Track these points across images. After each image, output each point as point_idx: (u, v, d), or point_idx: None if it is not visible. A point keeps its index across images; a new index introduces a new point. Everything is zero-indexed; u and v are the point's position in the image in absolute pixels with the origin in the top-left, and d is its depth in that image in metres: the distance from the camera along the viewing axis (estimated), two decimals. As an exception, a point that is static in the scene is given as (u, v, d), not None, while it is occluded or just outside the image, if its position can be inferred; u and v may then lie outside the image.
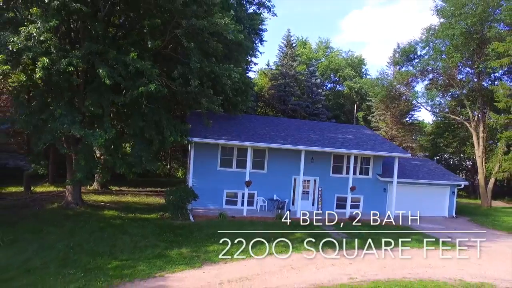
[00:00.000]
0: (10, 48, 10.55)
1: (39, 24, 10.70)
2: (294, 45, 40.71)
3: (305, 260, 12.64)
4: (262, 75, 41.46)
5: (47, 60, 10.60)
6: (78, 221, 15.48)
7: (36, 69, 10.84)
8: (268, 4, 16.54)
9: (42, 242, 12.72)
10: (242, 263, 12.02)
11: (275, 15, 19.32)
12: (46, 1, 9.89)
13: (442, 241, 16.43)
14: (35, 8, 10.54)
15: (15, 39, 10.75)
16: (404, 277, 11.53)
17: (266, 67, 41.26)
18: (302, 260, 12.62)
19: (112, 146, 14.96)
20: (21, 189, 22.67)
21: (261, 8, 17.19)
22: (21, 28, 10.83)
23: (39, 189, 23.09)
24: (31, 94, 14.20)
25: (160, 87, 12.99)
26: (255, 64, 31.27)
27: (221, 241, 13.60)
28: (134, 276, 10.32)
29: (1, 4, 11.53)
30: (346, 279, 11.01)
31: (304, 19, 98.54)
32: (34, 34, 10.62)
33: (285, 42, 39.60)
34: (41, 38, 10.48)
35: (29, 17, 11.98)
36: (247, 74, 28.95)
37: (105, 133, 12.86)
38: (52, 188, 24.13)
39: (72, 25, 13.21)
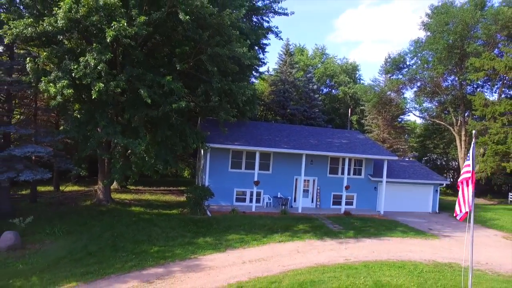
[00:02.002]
0: (73, 75, 13.09)
1: (95, 55, 13.25)
2: (292, 53, 43.38)
3: (308, 246, 15.39)
4: (262, 81, 44.03)
5: (102, 84, 13.16)
6: (113, 216, 18.05)
7: (92, 91, 13.38)
8: (276, 30, 19.14)
9: (91, 232, 15.29)
10: (258, 248, 14.71)
11: (281, 39, 21.91)
12: (108, 40, 12.42)
13: (423, 232, 19.41)
14: (95, 44, 13.08)
15: (75, 67, 13.31)
16: (388, 258, 14.28)
17: (266, 73, 43.87)
18: (305, 246, 15.35)
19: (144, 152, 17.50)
20: (49, 188, 25.17)
21: (269, 33, 19.77)
22: (80, 58, 13.38)
23: (65, 188, 25.54)
24: (75, 109, 16.67)
25: (188, 103, 15.61)
26: (262, 78, 33.95)
27: (237, 232, 16.49)
28: (174, 257, 12.97)
29: (61, 37, 14.05)
30: (342, 260, 13.73)
31: (299, 18, 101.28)
32: (92, 63, 13.15)
33: (284, 50, 42.22)
34: (98, 67, 13.02)
35: (82, 47, 14.52)
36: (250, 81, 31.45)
37: (142, 141, 15.42)
38: (76, 188, 26.62)
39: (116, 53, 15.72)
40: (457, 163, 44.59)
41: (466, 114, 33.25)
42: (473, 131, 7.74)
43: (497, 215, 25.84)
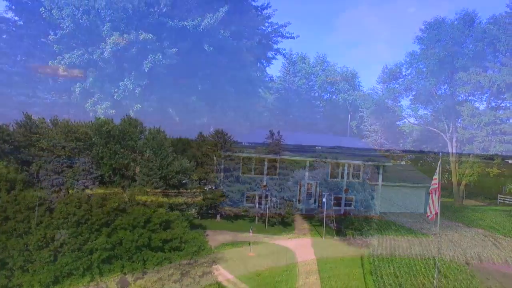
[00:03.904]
0: (115, 98, 15.55)
1: (132, 80, 15.70)
2: (295, 62, 45.77)
3: (312, 242, 17.83)
4: (267, 91, 46.43)
5: (140, 105, 15.60)
6: (141, 216, 20.39)
7: (130, 111, 15.83)
8: (283, 52, 21.61)
9: (126, 232, 17.66)
10: (270, 244, 17.15)
11: (288, 59, 24.25)
12: (146, 70, 14.88)
13: (414, 231, 21.79)
14: (133, 72, 15.55)
15: (116, 90, 15.76)
16: (382, 253, 16.73)
17: (271, 81, 46.24)
18: (310, 242, 17.79)
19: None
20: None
21: (277, 53, 22.29)
22: (120, 83, 15.84)
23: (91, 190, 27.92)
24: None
25: (208, 119, 18.07)
26: (269, 93, 36.48)
27: (252, 229, 18.91)
28: (201, 251, 15.37)
29: (101, 64, 16.52)
30: (342, 254, 16.18)
31: (299, 18, 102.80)
32: (130, 87, 15.60)
33: (287, 59, 44.60)
34: (136, 92, 15.49)
35: (117, 73, 17.00)
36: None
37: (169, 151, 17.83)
38: (97, 191, 28.95)
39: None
40: (449, 167, 46.91)
41: (459, 120, 35.56)
42: (440, 153, 10.12)
43: (484, 216, 28.26)
